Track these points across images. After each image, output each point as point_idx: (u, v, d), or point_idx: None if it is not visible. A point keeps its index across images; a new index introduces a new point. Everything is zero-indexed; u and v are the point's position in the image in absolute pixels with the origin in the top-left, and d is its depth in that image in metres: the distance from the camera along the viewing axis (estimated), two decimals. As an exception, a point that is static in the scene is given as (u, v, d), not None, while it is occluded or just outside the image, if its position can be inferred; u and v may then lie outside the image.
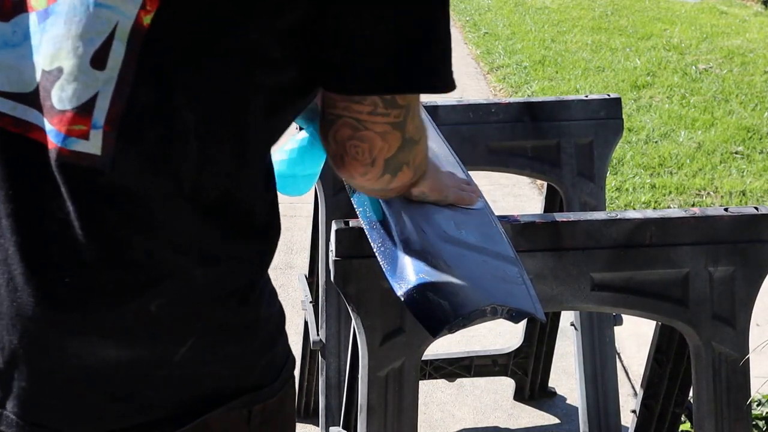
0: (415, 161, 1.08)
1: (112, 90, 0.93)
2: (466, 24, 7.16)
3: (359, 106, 0.99)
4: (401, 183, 1.10)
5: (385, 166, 1.03)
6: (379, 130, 1.00)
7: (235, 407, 1.06)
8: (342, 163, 1.03)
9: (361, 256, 1.36)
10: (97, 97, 0.93)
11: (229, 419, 1.07)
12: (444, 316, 1.14)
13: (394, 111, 1.00)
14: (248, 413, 1.08)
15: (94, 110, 0.93)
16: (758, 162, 4.36)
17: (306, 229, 3.21)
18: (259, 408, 1.09)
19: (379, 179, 1.05)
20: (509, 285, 1.22)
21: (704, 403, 1.57)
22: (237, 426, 1.08)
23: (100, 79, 0.93)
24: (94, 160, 0.93)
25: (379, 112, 0.99)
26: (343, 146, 1.01)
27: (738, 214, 1.50)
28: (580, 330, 2.29)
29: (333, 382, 2.14)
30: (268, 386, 1.09)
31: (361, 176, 1.04)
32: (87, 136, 0.93)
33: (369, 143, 1.00)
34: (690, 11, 7.42)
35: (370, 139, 1.00)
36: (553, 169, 2.19)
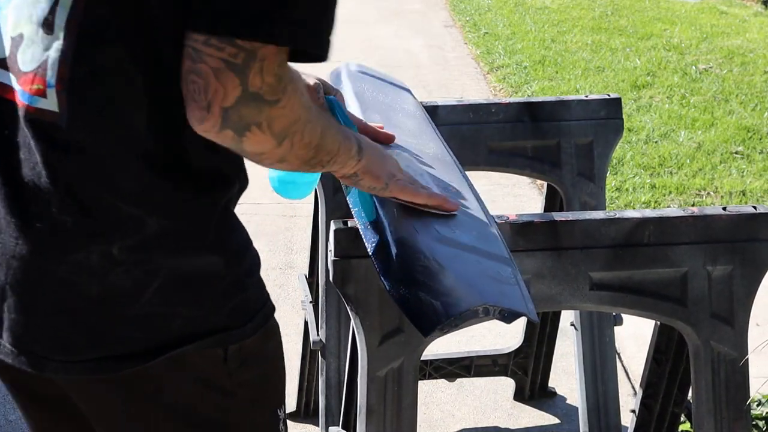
0: (272, 125, 1.01)
1: (60, 53, 1.03)
2: (466, 24, 7.17)
3: (196, 34, 0.97)
4: (261, 148, 1.04)
5: (223, 117, 0.99)
6: (213, 65, 0.97)
7: (207, 346, 1.14)
8: (187, 106, 1.00)
9: (360, 256, 1.36)
10: (48, 59, 1.04)
11: (206, 358, 1.15)
12: (436, 316, 1.14)
13: (230, 49, 0.97)
14: (224, 353, 1.15)
15: (47, 71, 1.04)
16: (758, 162, 4.36)
17: (306, 229, 3.21)
18: (235, 349, 1.16)
19: (221, 134, 1.00)
20: (502, 285, 1.22)
21: (703, 402, 1.57)
22: (215, 365, 1.16)
23: (50, 42, 1.04)
24: (54, 116, 1.04)
25: (213, 43, 0.97)
26: (185, 84, 0.99)
27: (736, 214, 1.50)
28: (580, 330, 2.29)
29: (333, 382, 2.14)
30: (239, 328, 1.16)
31: (199, 123, 1.00)
32: (45, 95, 1.04)
33: (204, 80, 0.97)
34: (690, 11, 7.42)
35: (204, 74, 0.97)
36: (553, 169, 2.19)
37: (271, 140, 1.03)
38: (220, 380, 1.18)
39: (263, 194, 3.97)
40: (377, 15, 7.42)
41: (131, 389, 1.15)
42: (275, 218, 3.79)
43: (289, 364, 2.93)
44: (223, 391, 1.19)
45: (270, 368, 1.26)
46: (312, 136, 1.08)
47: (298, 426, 2.55)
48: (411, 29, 7.02)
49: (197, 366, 1.15)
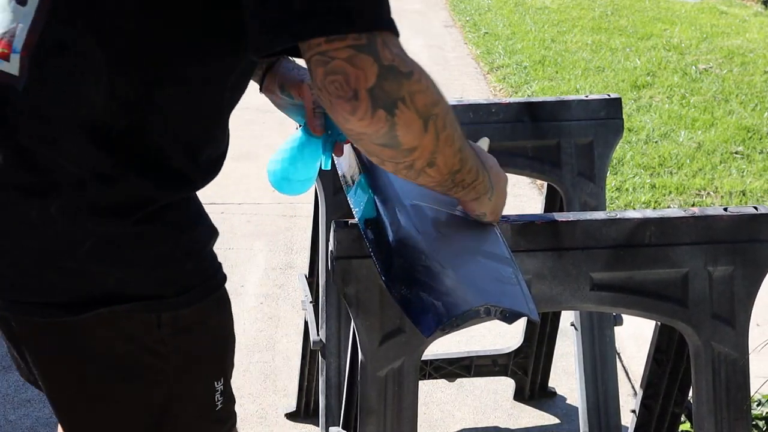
0: (414, 101, 1.02)
1: (30, 23, 1.13)
2: (466, 24, 7.16)
3: (315, 39, 1.00)
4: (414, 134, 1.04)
5: (371, 98, 0.99)
6: (344, 55, 0.99)
7: (138, 310, 1.21)
8: (332, 108, 1.02)
9: (361, 256, 1.36)
10: (17, 27, 1.14)
11: (138, 321, 1.22)
12: (437, 316, 1.14)
13: (352, 35, 0.99)
14: (157, 319, 1.22)
15: (15, 38, 1.14)
16: (758, 162, 4.36)
17: (306, 229, 3.21)
18: (168, 316, 1.23)
19: (375, 117, 1.01)
20: (503, 285, 1.22)
21: (704, 402, 1.57)
22: (148, 329, 1.23)
23: (22, 12, 1.14)
24: (12, 79, 1.14)
25: (334, 38, 0.99)
26: (324, 88, 1.01)
27: (737, 214, 1.50)
28: (580, 330, 2.29)
29: (333, 382, 2.14)
30: (173, 298, 1.22)
31: (352, 115, 1.00)
32: (8, 59, 1.14)
33: (342, 73, 0.99)
34: (690, 11, 7.41)
35: (340, 68, 0.99)
36: (553, 169, 2.19)
37: (417, 119, 1.02)
38: (153, 344, 1.24)
39: (263, 194, 3.98)
40: (377, 15, 7.40)
41: (63, 339, 1.22)
42: (275, 218, 3.79)
43: (289, 364, 2.95)
44: (155, 353, 1.25)
45: (211, 340, 1.30)
46: (454, 130, 1.09)
47: (298, 426, 2.55)
48: (411, 29, 7.02)
49: (129, 327, 1.22)
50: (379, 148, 1.06)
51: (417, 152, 1.06)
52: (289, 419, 2.57)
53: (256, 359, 2.81)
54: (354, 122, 1.01)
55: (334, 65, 0.99)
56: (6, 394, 2.61)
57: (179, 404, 1.29)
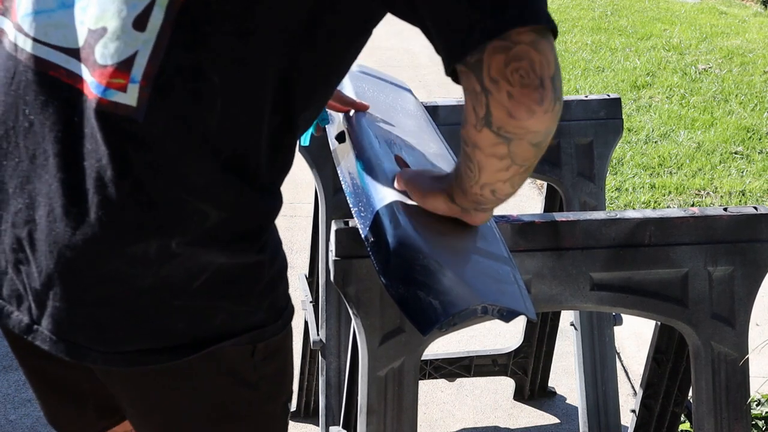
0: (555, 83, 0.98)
1: (150, 50, 1.05)
2: (465, 24, 7.16)
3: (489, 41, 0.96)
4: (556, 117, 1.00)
5: (553, 87, 0.96)
6: (527, 39, 0.95)
7: (242, 342, 1.18)
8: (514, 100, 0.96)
9: (361, 256, 1.37)
10: (137, 55, 1.06)
11: (237, 353, 1.19)
12: (434, 315, 1.14)
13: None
14: (252, 348, 1.20)
15: (133, 67, 1.06)
16: (758, 162, 4.36)
17: (306, 229, 3.21)
18: (262, 345, 1.21)
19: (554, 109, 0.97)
20: (501, 284, 1.22)
21: (703, 402, 1.57)
22: (243, 359, 1.20)
23: (140, 39, 1.06)
24: (129, 110, 1.06)
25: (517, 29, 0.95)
26: (506, 78, 0.95)
27: (737, 214, 1.50)
28: (580, 330, 2.29)
29: (333, 382, 2.14)
30: (271, 325, 1.21)
31: (538, 105, 0.95)
32: (125, 89, 1.06)
33: (526, 58, 0.94)
34: (690, 11, 7.42)
35: (524, 53, 0.94)
36: (553, 169, 2.19)
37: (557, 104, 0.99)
38: (247, 374, 1.22)
39: (263, 194, 3.98)
40: (377, 15, 7.41)
41: (167, 381, 1.19)
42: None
43: (289, 364, 2.92)
44: (249, 384, 1.24)
45: (286, 362, 1.31)
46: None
47: (298, 426, 2.55)
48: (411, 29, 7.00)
49: (229, 360, 1.19)
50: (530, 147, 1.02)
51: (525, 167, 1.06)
52: (289, 419, 2.57)
53: (256, 359, 2.81)
54: (540, 115, 0.97)
55: (518, 51, 0.94)
56: (6, 394, 2.61)
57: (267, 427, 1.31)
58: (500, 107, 0.98)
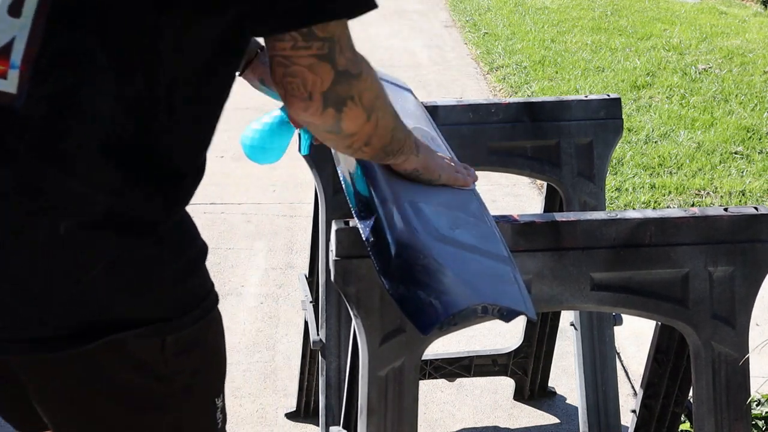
0: (362, 98, 1.14)
1: (27, 34, 1.06)
2: (466, 24, 7.16)
3: (282, 44, 1.08)
4: (356, 125, 1.16)
5: (323, 99, 1.10)
6: (305, 63, 1.08)
7: (146, 335, 1.17)
8: (286, 101, 1.11)
9: (361, 256, 1.36)
10: (14, 41, 1.06)
11: (144, 346, 1.18)
12: (435, 314, 1.15)
13: (316, 43, 1.08)
14: (161, 342, 1.19)
15: (12, 53, 1.06)
16: (758, 162, 4.36)
17: (306, 229, 3.21)
18: (172, 339, 1.20)
19: (324, 114, 1.12)
20: (501, 284, 1.22)
21: (704, 402, 1.57)
22: (152, 353, 1.19)
23: (16, 25, 1.07)
24: (10, 98, 1.06)
25: (300, 46, 1.07)
26: (282, 85, 1.10)
27: (737, 214, 1.50)
28: (580, 330, 2.29)
29: (333, 382, 2.14)
30: (178, 318, 1.20)
31: (304, 112, 1.11)
32: (5, 76, 1.07)
33: (300, 77, 1.08)
34: (690, 11, 7.42)
35: (300, 74, 1.08)
36: (553, 169, 2.19)
37: (362, 114, 1.15)
38: (157, 367, 1.20)
39: (263, 194, 3.98)
40: (377, 15, 7.38)
41: (70, 371, 1.17)
42: (275, 218, 3.79)
43: (289, 364, 2.94)
44: (160, 377, 1.22)
45: (208, 358, 1.29)
46: (389, 115, 1.22)
47: (298, 426, 2.55)
48: (411, 29, 7.02)
49: (135, 352, 1.18)
50: (324, 133, 1.18)
51: (356, 136, 1.18)
52: (289, 419, 2.57)
53: (256, 359, 2.81)
54: (305, 116, 1.12)
55: (293, 70, 1.08)
56: (6, 394, 2.61)
57: (187, 426, 1.28)
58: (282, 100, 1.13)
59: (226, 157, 3.85)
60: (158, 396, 1.23)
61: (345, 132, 1.16)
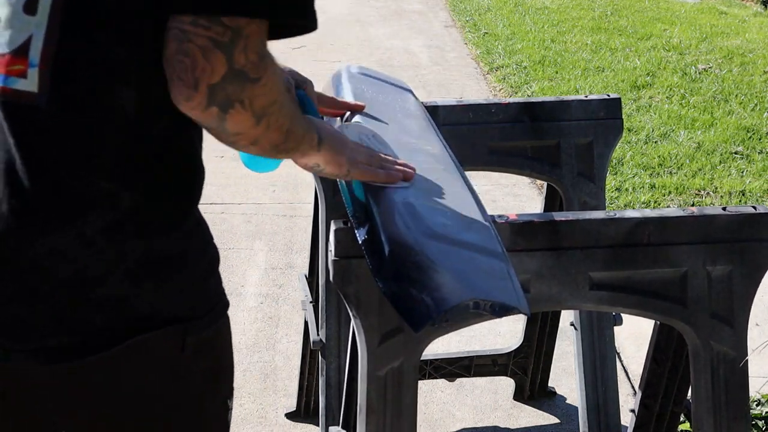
0: (252, 103, 1.05)
1: (44, 32, 1.04)
2: (466, 24, 7.16)
3: (182, 16, 1.01)
4: (242, 128, 1.07)
5: (209, 94, 1.02)
6: (200, 43, 1.01)
7: (168, 335, 1.15)
8: (171, 84, 1.03)
9: (360, 256, 1.37)
10: (31, 39, 1.04)
11: (165, 347, 1.17)
12: (426, 311, 1.15)
13: (216, 28, 1.01)
14: (182, 343, 1.17)
15: (30, 51, 1.04)
16: (758, 162, 4.36)
17: (306, 229, 3.21)
18: (192, 339, 1.18)
19: (207, 111, 1.04)
20: (493, 280, 1.22)
21: (703, 402, 1.57)
22: (172, 354, 1.17)
23: (32, 23, 1.04)
24: (32, 98, 1.05)
25: (201, 23, 1.01)
26: (171, 63, 1.02)
27: (736, 214, 1.50)
28: (579, 330, 2.29)
29: (333, 382, 2.14)
30: (199, 319, 1.18)
31: (186, 101, 1.03)
32: (25, 75, 1.05)
33: (191, 58, 1.01)
34: (690, 11, 7.42)
35: (192, 53, 1.01)
36: (553, 169, 2.19)
37: (251, 119, 1.07)
38: (176, 368, 1.19)
39: (263, 194, 3.98)
40: (377, 15, 7.42)
41: (93, 378, 1.15)
42: (275, 218, 3.79)
43: (289, 364, 2.94)
44: (178, 377, 1.20)
45: (221, 359, 1.28)
46: (284, 119, 1.12)
47: (298, 426, 2.55)
48: (411, 29, 7.02)
49: (156, 354, 1.16)
50: (206, 126, 1.09)
51: (241, 136, 1.10)
52: (289, 419, 2.58)
53: (256, 359, 2.81)
54: (184, 105, 1.04)
55: (187, 47, 1.01)
56: (6, 394, 2.61)
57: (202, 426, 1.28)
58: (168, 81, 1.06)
59: (226, 157, 3.85)
60: (175, 396, 1.22)
61: (229, 131, 1.08)
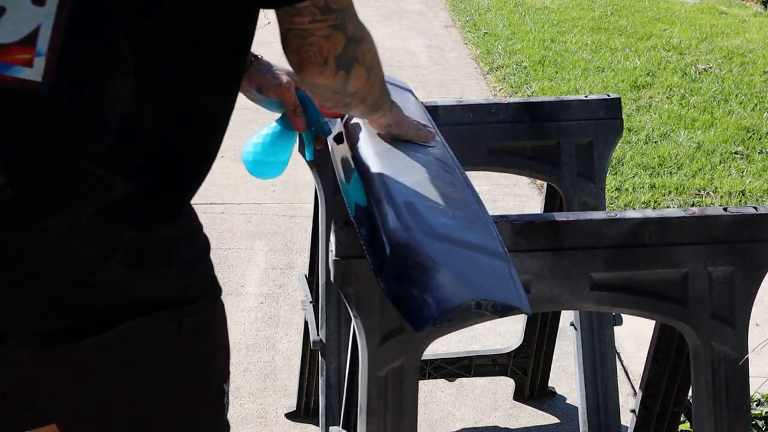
0: (365, 58, 1.23)
1: (53, 22, 1.06)
2: (466, 24, 7.16)
3: (300, 18, 1.15)
4: (359, 83, 1.25)
5: (336, 63, 1.19)
6: (323, 34, 1.16)
7: (164, 318, 1.19)
8: (301, 68, 1.19)
9: (361, 256, 1.36)
10: (40, 29, 1.07)
11: (160, 331, 1.20)
12: (428, 312, 1.15)
13: (331, 15, 1.16)
14: (178, 327, 1.21)
15: (38, 40, 1.07)
16: (758, 162, 4.36)
17: (306, 229, 3.21)
18: (188, 323, 1.22)
19: (336, 76, 1.21)
20: (495, 279, 1.22)
21: (703, 402, 1.57)
22: (168, 338, 1.21)
23: (41, 13, 1.06)
24: (34, 86, 1.07)
25: (318, 19, 1.15)
26: (298, 54, 1.18)
27: (737, 214, 1.50)
28: (579, 330, 2.29)
29: (333, 382, 2.14)
30: (193, 303, 1.22)
31: (319, 75, 1.19)
32: (31, 64, 1.07)
33: (317, 46, 1.17)
34: (690, 11, 7.42)
35: (317, 43, 1.17)
36: (553, 169, 2.19)
37: (365, 73, 1.24)
38: (172, 353, 1.22)
39: (263, 194, 3.98)
40: (377, 15, 7.42)
41: (87, 361, 1.17)
42: (275, 218, 3.79)
43: (289, 364, 2.94)
44: (174, 363, 1.23)
45: (217, 344, 1.31)
46: (381, 73, 1.31)
47: (298, 426, 2.55)
48: (411, 29, 7.02)
49: (151, 337, 1.19)
50: (331, 93, 1.26)
51: (357, 95, 1.28)
52: (289, 419, 2.57)
53: (256, 359, 2.81)
54: (320, 79, 1.20)
55: (311, 41, 1.16)
56: (6, 394, 2.61)
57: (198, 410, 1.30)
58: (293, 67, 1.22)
59: (226, 157, 3.85)
60: (173, 382, 1.24)
61: (349, 91, 1.25)
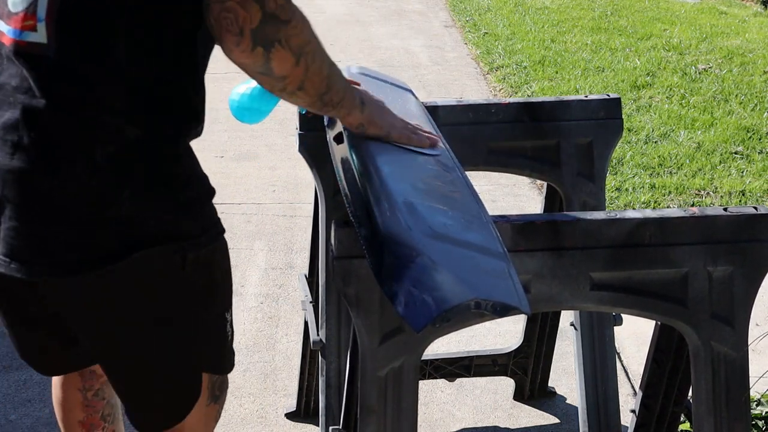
0: (289, 42, 1.27)
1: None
2: (466, 24, 7.16)
3: None
4: (285, 68, 1.29)
5: (252, 37, 1.24)
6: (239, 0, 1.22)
7: (170, 250, 1.35)
8: (220, 38, 1.25)
9: (361, 256, 1.37)
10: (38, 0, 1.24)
11: (167, 263, 1.36)
12: (428, 311, 1.15)
13: None
14: (182, 259, 1.37)
15: (38, 7, 1.25)
16: (758, 162, 4.36)
17: (306, 229, 3.21)
18: (192, 256, 1.38)
19: (254, 52, 1.26)
20: (494, 279, 1.22)
21: (703, 402, 1.57)
22: (174, 269, 1.37)
23: None
24: (42, 48, 1.25)
25: None
26: (217, 21, 1.24)
27: (737, 214, 1.50)
28: (579, 330, 2.29)
29: (333, 382, 2.14)
30: (196, 238, 1.38)
31: (236, 47, 1.25)
32: (35, 29, 1.25)
33: (234, 13, 1.23)
34: (690, 11, 7.41)
35: (233, 9, 1.22)
36: (553, 169, 2.19)
37: (291, 57, 1.28)
38: (177, 279, 1.38)
39: (263, 194, 3.98)
40: (377, 15, 7.42)
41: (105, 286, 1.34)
42: (275, 218, 3.79)
43: (289, 364, 2.94)
44: (179, 288, 1.40)
45: (218, 276, 1.47)
46: (322, 64, 1.34)
47: (298, 426, 2.55)
48: (411, 29, 7.02)
49: (158, 266, 1.36)
50: (258, 75, 1.31)
51: (288, 79, 1.31)
52: (289, 419, 2.57)
53: (256, 359, 2.81)
54: (237, 53, 1.26)
55: (228, 5, 1.23)
56: (6, 394, 2.61)
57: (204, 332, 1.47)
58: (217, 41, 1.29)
59: (226, 157, 3.86)
60: (176, 307, 1.41)
61: (276, 74, 1.29)
